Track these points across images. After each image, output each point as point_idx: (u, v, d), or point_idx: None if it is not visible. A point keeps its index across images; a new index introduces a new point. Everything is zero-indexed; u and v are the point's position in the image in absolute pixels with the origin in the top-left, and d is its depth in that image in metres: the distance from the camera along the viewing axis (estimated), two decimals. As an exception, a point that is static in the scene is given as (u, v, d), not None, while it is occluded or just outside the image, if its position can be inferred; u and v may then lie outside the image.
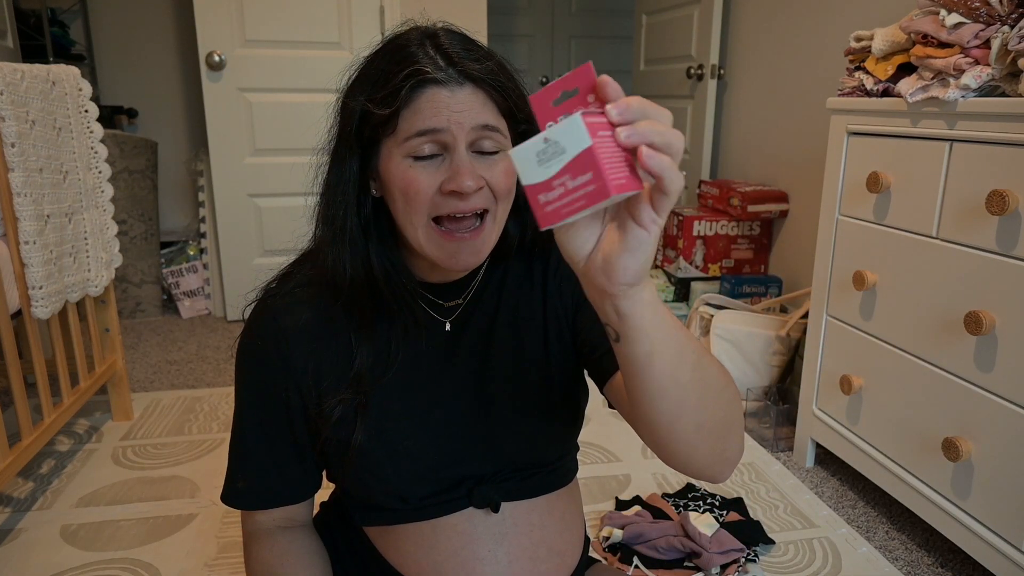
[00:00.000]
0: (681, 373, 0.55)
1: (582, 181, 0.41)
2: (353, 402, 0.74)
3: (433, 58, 0.66)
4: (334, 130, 0.73)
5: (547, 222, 0.43)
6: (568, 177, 0.42)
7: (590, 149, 0.41)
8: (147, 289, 2.97)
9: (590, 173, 0.41)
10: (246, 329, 0.78)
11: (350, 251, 0.72)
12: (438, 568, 0.76)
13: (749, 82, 2.79)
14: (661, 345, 0.53)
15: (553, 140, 0.41)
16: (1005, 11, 1.20)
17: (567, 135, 0.41)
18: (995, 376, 1.21)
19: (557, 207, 0.43)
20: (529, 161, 0.42)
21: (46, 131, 1.53)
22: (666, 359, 0.53)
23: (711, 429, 0.60)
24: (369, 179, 0.72)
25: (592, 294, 0.51)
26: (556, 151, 0.41)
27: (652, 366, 0.53)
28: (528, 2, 4.61)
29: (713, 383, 0.59)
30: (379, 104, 0.66)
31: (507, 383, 0.78)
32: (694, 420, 0.58)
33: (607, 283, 0.48)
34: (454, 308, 0.79)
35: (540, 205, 0.43)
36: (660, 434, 0.59)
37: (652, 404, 0.56)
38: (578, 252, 0.49)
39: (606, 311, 0.51)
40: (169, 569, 1.36)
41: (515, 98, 0.69)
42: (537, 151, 0.42)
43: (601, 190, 0.41)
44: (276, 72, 2.75)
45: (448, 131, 0.65)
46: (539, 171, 0.42)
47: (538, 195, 0.43)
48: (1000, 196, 1.15)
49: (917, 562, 1.41)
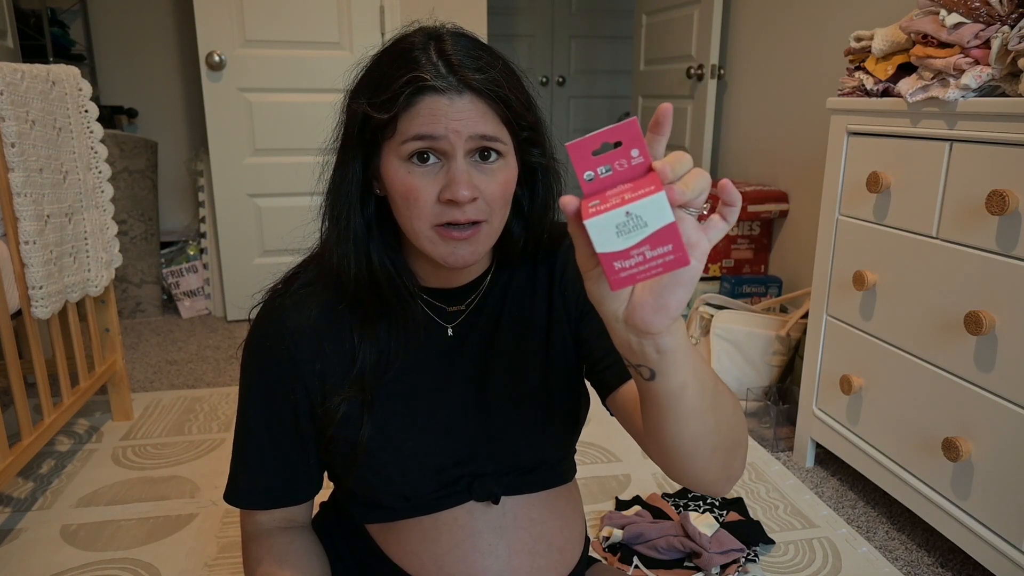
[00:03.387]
0: (706, 400, 0.56)
1: (661, 252, 0.44)
2: (357, 401, 0.75)
3: (435, 64, 0.65)
4: (339, 129, 0.73)
5: (619, 285, 0.45)
6: (647, 248, 0.43)
7: (673, 225, 0.43)
8: (147, 289, 2.97)
9: (670, 245, 0.43)
10: (253, 330, 0.79)
11: (354, 250, 0.72)
12: (438, 561, 0.77)
13: (749, 82, 2.79)
14: (692, 375, 0.54)
15: (635, 215, 0.43)
16: (1005, 11, 1.20)
17: (650, 211, 0.42)
18: (995, 376, 1.21)
19: (632, 273, 0.44)
20: (608, 231, 0.43)
21: (46, 131, 1.53)
22: (696, 388, 0.55)
23: (725, 449, 0.61)
24: (372, 179, 0.72)
25: (630, 338, 0.51)
26: (637, 224, 0.43)
27: (684, 398, 0.54)
28: (528, 2, 4.61)
29: (727, 405, 0.60)
30: (378, 108, 0.66)
31: (508, 388, 0.78)
32: (712, 443, 0.59)
33: (658, 321, 0.48)
34: (457, 314, 0.79)
35: (615, 271, 0.44)
36: (678, 458, 0.60)
37: (678, 432, 0.57)
38: (618, 298, 0.49)
39: (645, 351, 0.51)
40: (169, 569, 1.36)
41: (517, 107, 0.69)
42: (617, 223, 0.43)
43: (680, 259, 0.44)
44: (276, 72, 2.75)
45: (446, 139, 0.65)
46: (617, 241, 0.43)
47: (614, 262, 0.44)
48: (1000, 196, 1.15)
49: (917, 562, 1.41)
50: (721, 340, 2.07)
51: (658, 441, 0.60)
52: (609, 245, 0.44)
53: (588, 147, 0.45)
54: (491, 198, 0.68)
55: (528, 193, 0.76)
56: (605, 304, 0.50)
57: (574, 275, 0.79)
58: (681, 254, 0.43)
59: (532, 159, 0.74)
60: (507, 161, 0.69)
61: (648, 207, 0.42)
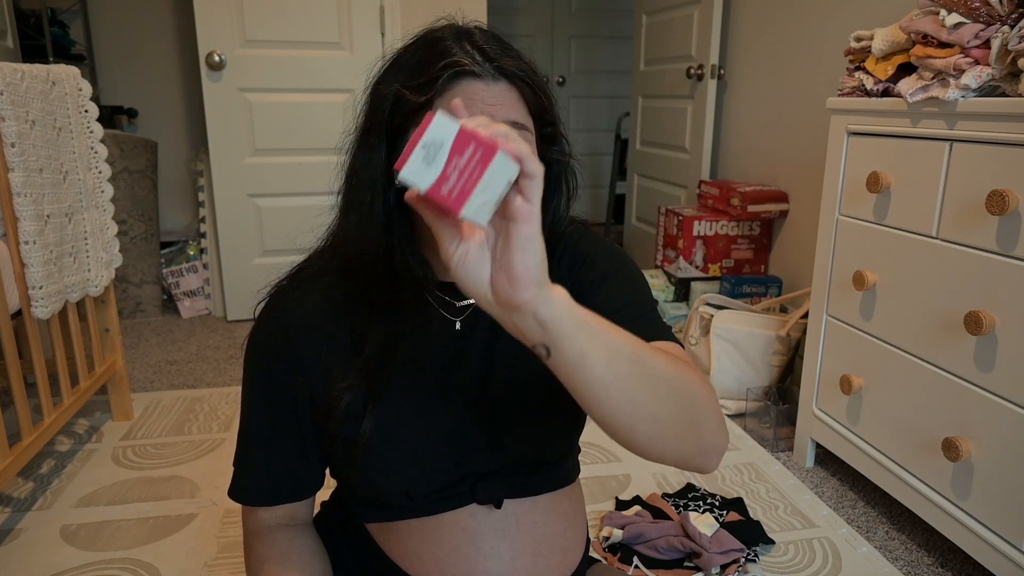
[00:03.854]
0: (618, 367, 0.55)
1: (469, 154, 0.46)
2: (361, 392, 0.74)
3: (470, 52, 0.67)
4: (361, 118, 0.73)
5: (460, 204, 0.47)
6: (457, 158, 0.46)
7: (462, 128, 0.46)
8: (147, 289, 2.97)
9: (472, 144, 0.46)
10: (256, 325, 0.79)
11: (378, 233, 0.71)
12: (440, 563, 0.77)
13: (749, 82, 2.79)
14: (590, 344, 0.53)
15: (428, 141, 0.46)
16: (1005, 11, 1.20)
17: (438, 130, 0.46)
18: (995, 376, 1.21)
19: (460, 187, 0.47)
20: (418, 170, 0.46)
21: (46, 131, 1.53)
22: (600, 357, 0.54)
23: (673, 420, 0.59)
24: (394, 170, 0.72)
25: (507, 317, 0.52)
26: (435, 147, 0.46)
27: (587, 367, 0.54)
28: (528, 2, 4.61)
29: (661, 373, 0.58)
30: (414, 91, 0.66)
31: (512, 384, 0.78)
32: (649, 413, 0.57)
33: (516, 291, 0.49)
34: (465, 308, 0.79)
35: (446, 196, 0.46)
36: (619, 432, 0.59)
37: (599, 404, 0.56)
38: (480, 282, 0.51)
39: (529, 327, 0.52)
40: (169, 569, 1.36)
41: (545, 101, 0.70)
42: (420, 158, 0.46)
43: (488, 150, 0.46)
44: (276, 72, 2.75)
45: None
46: (431, 171, 0.46)
47: (440, 189, 0.46)
48: (1000, 196, 1.15)
49: (917, 562, 1.41)
50: (721, 340, 2.07)
51: (594, 419, 0.59)
52: (427, 178, 0.46)
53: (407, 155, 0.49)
54: None
55: (545, 190, 0.76)
56: (471, 284, 0.51)
57: (572, 263, 0.80)
58: (486, 146, 0.46)
59: (551, 155, 0.74)
60: None
61: (434, 130, 0.46)
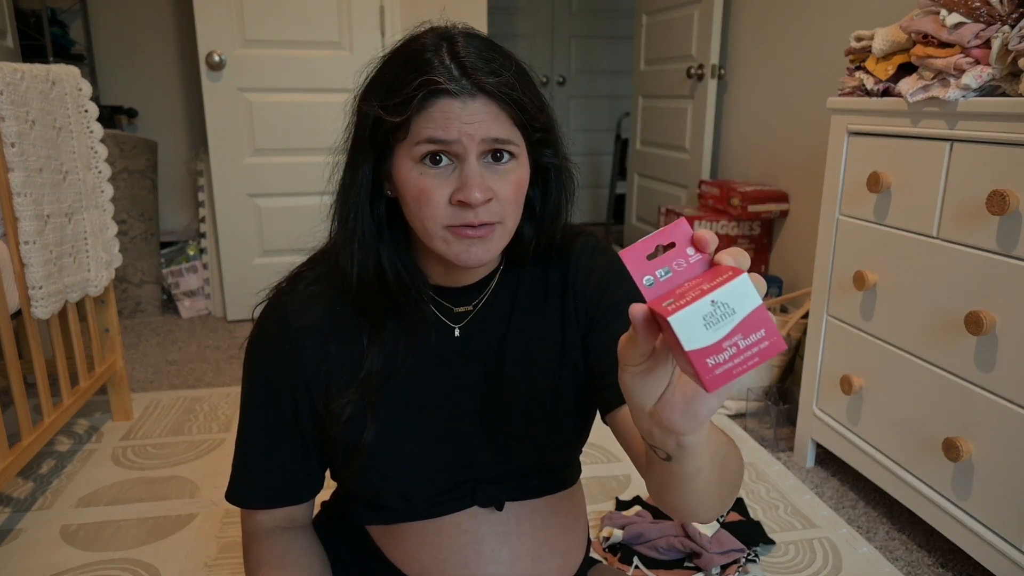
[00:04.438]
0: (715, 474, 0.58)
1: (755, 339, 0.41)
2: (362, 403, 0.74)
3: (448, 67, 0.65)
4: (349, 130, 0.73)
5: (716, 385, 0.42)
6: (740, 337, 0.41)
7: (762, 308, 0.41)
8: (147, 289, 2.97)
9: (763, 330, 0.41)
10: (256, 328, 0.78)
11: (362, 252, 0.72)
12: (440, 566, 0.77)
13: (749, 82, 2.79)
14: (707, 460, 0.55)
15: (721, 302, 0.41)
16: (1005, 11, 1.20)
17: (736, 296, 0.41)
18: (995, 376, 1.21)
19: (728, 368, 0.41)
20: (695, 326, 0.41)
21: (46, 131, 1.53)
22: (709, 469, 0.56)
23: (723, 499, 0.63)
24: (383, 180, 0.72)
25: (653, 429, 0.50)
26: (725, 313, 0.41)
27: (697, 479, 0.56)
28: (528, 2, 4.61)
29: (732, 465, 0.62)
30: (391, 111, 0.66)
31: (517, 391, 0.78)
32: (714, 501, 0.62)
33: (686, 423, 0.47)
34: (464, 314, 0.79)
35: (708, 368, 0.41)
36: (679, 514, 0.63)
37: (684, 500, 0.59)
38: (649, 396, 0.48)
39: (666, 443, 0.51)
40: (169, 569, 1.36)
41: (530, 109, 0.68)
42: (704, 314, 0.41)
43: (775, 345, 0.41)
44: (276, 72, 2.75)
45: (459, 142, 0.65)
46: (707, 334, 0.41)
47: (706, 359, 0.41)
48: (1000, 196, 1.15)
49: (917, 562, 1.41)
50: (721, 340, 2.07)
51: (661, 499, 0.62)
52: (698, 340, 0.41)
53: (642, 252, 0.44)
54: (504, 199, 0.68)
55: (540, 194, 0.76)
56: (636, 396, 0.48)
57: (586, 281, 0.79)
58: (776, 339, 0.41)
59: (545, 160, 0.73)
60: (519, 162, 0.69)
61: (733, 292, 0.40)
